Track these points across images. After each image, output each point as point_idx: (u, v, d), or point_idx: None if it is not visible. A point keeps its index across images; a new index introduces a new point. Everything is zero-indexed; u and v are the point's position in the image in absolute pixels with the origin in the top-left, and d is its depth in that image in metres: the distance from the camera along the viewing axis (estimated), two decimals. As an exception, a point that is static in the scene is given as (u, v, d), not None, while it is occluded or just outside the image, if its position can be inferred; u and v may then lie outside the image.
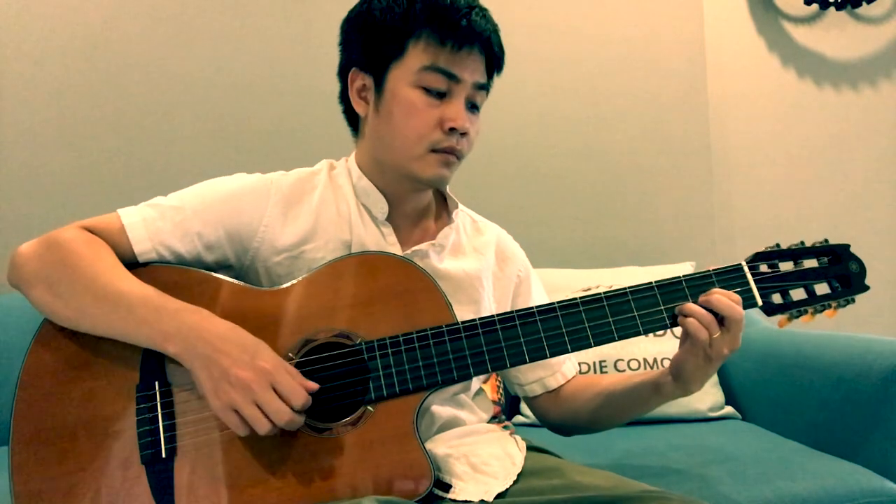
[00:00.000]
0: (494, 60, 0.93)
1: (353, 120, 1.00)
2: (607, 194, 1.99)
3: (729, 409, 1.56)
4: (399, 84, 0.89)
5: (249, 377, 0.74)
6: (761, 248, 0.94)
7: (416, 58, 0.88)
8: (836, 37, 2.21)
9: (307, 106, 1.82)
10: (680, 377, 0.89)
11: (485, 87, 0.93)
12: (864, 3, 2.16)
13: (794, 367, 1.40)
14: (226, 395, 0.74)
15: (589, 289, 1.63)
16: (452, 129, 0.88)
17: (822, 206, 2.20)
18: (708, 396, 1.55)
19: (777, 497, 1.05)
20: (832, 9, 2.18)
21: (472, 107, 0.93)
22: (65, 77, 1.70)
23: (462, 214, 1.06)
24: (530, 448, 0.96)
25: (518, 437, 0.97)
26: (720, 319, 0.84)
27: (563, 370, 1.06)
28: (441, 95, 0.89)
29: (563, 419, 1.05)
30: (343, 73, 0.97)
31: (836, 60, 2.22)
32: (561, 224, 1.96)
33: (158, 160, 1.73)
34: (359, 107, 0.94)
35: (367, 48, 0.91)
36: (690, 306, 0.85)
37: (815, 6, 2.17)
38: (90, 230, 0.86)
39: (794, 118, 2.20)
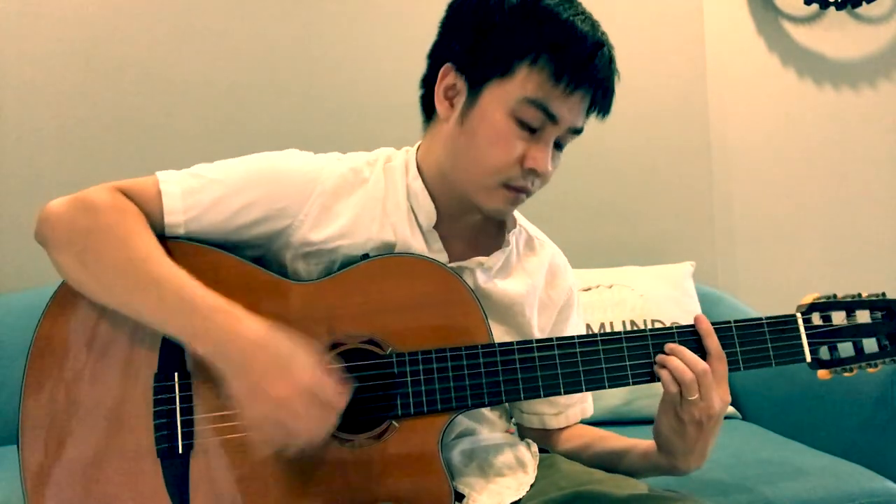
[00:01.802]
0: (600, 106, 0.84)
1: (428, 109, 0.91)
2: (607, 194, 1.98)
3: (729, 409, 1.56)
4: (494, 106, 0.80)
5: (286, 392, 0.69)
6: (817, 295, 0.89)
7: (521, 84, 0.78)
8: (836, 37, 2.21)
9: (307, 106, 1.81)
10: (660, 444, 0.85)
11: (579, 132, 0.85)
12: (864, 3, 2.16)
13: (795, 367, 1.40)
14: (260, 409, 0.70)
15: (589, 288, 1.63)
16: (532, 171, 0.81)
17: (821, 206, 2.20)
18: (708, 396, 1.55)
19: (777, 497, 1.05)
20: (832, 9, 2.17)
21: (558, 145, 0.85)
22: (65, 77, 1.70)
23: (517, 228, 0.97)
24: (541, 450, 0.95)
25: (531, 442, 0.95)
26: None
27: (568, 413, 0.99)
28: (532, 131, 0.80)
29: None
30: (434, 60, 0.87)
31: (836, 60, 2.21)
32: (561, 224, 1.94)
33: (158, 160, 1.71)
34: (441, 106, 0.85)
35: (471, 51, 0.81)
36: (664, 358, 0.81)
37: (815, 6, 2.17)
38: (125, 193, 0.81)
39: (794, 118, 2.19)
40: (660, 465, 0.86)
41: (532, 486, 0.86)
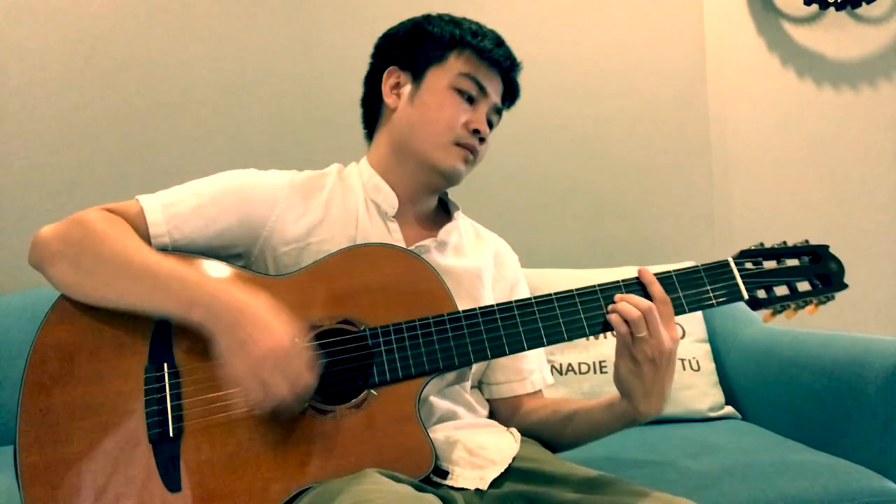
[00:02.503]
0: (509, 90, 1.06)
1: (370, 123, 1.09)
2: (607, 194, 1.99)
3: (729, 409, 1.56)
4: (438, 82, 1.00)
5: (266, 350, 0.76)
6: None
7: (455, 65, 1.00)
8: (836, 37, 2.21)
9: (307, 106, 1.82)
10: (621, 389, 0.90)
11: (499, 112, 1.06)
12: (864, 3, 2.16)
13: (795, 367, 1.40)
14: (241, 365, 0.77)
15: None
16: (476, 131, 1.00)
17: (821, 206, 2.20)
18: (708, 396, 1.55)
19: (777, 497, 1.05)
20: (832, 9, 2.18)
21: (488, 123, 1.04)
22: (65, 77, 1.70)
23: (464, 221, 1.12)
24: (524, 439, 0.98)
25: (513, 430, 1.00)
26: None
27: (532, 378, 1.08)
28: (470, 101, 1.01)
29: (523, 430, 1.03)
30: (373, 77, 1.07)
31: (836, 60, 2.21)
32: (561, 224, 1.96)
33: (158, 160, 1.73)
34: (390, 99, 1.03)
35: (410, 50, 1.03)
36: (613, 305, 0.88)
37: (815, 6, 2.17)
38: (110, 211, 0.90)
39: (794, 118, 2.20)
40: (624, 412, 0.91)
41: (515, 461, 0.90)
